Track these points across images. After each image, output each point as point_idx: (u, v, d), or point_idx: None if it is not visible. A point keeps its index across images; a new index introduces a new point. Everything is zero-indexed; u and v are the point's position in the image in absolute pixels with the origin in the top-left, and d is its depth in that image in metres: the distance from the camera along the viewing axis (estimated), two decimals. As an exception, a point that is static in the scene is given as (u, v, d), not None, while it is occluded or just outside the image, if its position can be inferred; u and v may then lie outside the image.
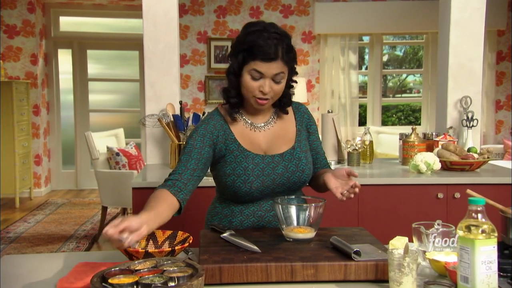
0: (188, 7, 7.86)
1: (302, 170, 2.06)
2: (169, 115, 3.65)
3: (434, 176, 3.31)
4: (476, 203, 1.45)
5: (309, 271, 1.59)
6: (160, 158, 3.82)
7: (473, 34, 3.90)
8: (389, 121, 9.15)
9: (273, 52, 1.88)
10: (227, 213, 2.10)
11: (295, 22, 7.93)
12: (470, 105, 3.87)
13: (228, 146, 2.02)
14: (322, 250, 1.71)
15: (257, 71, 1.90)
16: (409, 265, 1.51)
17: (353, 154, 3.67)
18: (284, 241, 1.81)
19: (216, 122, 2.05)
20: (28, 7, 7.70)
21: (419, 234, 1.77)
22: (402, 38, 8.73)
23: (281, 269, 1.59)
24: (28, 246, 5.32)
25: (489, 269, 1.41)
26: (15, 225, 6.16)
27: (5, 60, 7.67)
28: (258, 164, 2.02)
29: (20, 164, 7.20)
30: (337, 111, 7.94)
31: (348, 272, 1.60)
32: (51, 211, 6.85)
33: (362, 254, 1.63)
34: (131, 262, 1.52)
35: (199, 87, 7.96)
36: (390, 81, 9.55)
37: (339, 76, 7.95)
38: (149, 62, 3.77)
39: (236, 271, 1.57)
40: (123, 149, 5.70)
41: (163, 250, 1.66)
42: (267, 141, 2.07)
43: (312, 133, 2.18)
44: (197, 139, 2.01)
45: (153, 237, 1.85)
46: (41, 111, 7.92)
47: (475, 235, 1.41)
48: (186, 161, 1.98)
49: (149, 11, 3.74)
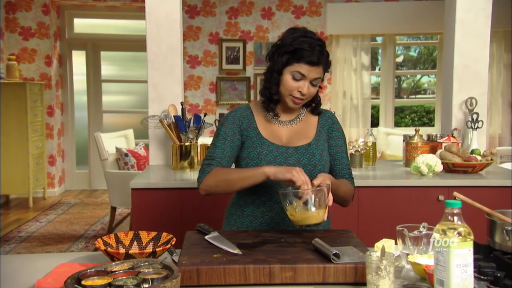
0: (200, 8, 7.89)
1: (314, 164, 2.12)
2: (170, 116, 3.66)
3: (435, 178, 3.28)
4: (452, 205, 1.43)
5: (288, 274, 1.58)
6: (163, 159, 3.84)
7: (478, 34, 3.85)
8: (402, 123, 9.07)
9: (317, 58, 2.03)
10: (242, 203, 2.20)
11: (307, 23, 7.90)
12: (476, 106, 3.82)
13: (249, 133, 2.16)
14: (304, 253, 1.70)
15: (300, 73, 2.04)
16: (386, 268, 1.50)
17: (355, 156, 3.65)
18: (267, 243, 1.80)
19: (243, 111, 2.21)
20: (43, 9, 7.78)
21: (403, 237, 1.75)
22: (417, 39, 8.67)
23: (259, 271, 1.58)
24: (38, 246, 5.37)
25: (464, 272, 1.39)
26: (27, 224, 6.22)
27: (20, 61, 7.75)
28: (272, 151, 2.12)
29: (33, 165, 7.27)
30: (349, 112, 7.91)
31: (327, 274, 1.59)
32: (63, 211, 6.91)
33: (342, 257, 1.62)
34: (108, 264, 1.53)
35: (211, 88, 7.97)
36: (404, 82, 9.48)
37: (351, 77, 7.92)
38: (152, 63, 3.78)
39: (214, 273, 1.57)
40: (132, 149, 5.73)
41: (144, 252, 1.66)
42: (288, 135, 2.19)
43: (332, 137, 2.22)
44: (228, 126, 2.17)
45: (137, 238, 1.85)
46: (55, 112, 7.99)
47: (451, 238, 1.39)
48: (222, 148, 2.13)
49: (152, 13, 3.76)
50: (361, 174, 3.48)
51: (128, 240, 1.84)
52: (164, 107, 3.78)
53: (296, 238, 1.87)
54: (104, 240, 1.78)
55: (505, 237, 1.66)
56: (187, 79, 7.93)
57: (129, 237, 1.84)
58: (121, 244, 1.82)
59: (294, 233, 1.94)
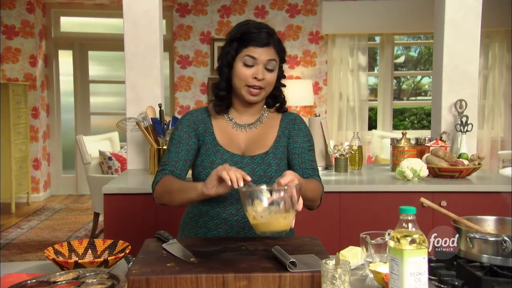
0: (191, 6, 7.90)
1: (270, 176, 2.06)
2: (148, 118, 3.66)
3: (421, 183, 3.28)
4: (407, 212, 1.43)
5: (242, 283, 1.58)
6: (141, 163, 3.83)
7: (468, 34, 3.85)
8: (401, 125, 9.07)
9: (265, 38, 2.02)
10: (196, 212, 2.15)
11: (301, 22, 7.92)
12: (466, 108, 3.82)
13: (205, 138, 2.11)
14: (262, 261, 1.69)
15: (251, 56, 2.01)
16: (341, 276, 1.50)
17: (340, 160, 3.65)
18: (227, 251, 1.80)
19: (199, 115, 2.16)
20: (28, 7, 7.79)
21: (366, 244, 1.75)
22: (417, 38, 8.66)
23: (212, 280, 1.58)
24: (17, 253, 5.37)
25: (418, 281, 1.38)
26: (8, 231, 6.22)
27: (4, 61, 7.77)
28: (225, 160, 2.05)
29: (16, 168, 7.27)
30: (346, 114, 7.90)
31: (282, 283, 1.58)
32: (46, 217, 6.91)
33: (299, 265, 1.61)
34: (52, 274, 1.53)
35: (202, 90, 7.98)
36: (405, 83, 9.47)
37: (347, 78, 7.91)
38: (129, 63, 3.80)
39: (164, 282, 1.57)
40: (116, 153, 5.74)
41: (95, 261, 1.66)
42: (247, 142, 2.12)
43: (292, 136, 2.14)
44: (183, 130, 2.12)
45: (92, 247, 1.85)
46: (40, 114, 8.00)
47: (404, 246, 1.39)
48: (176, 152, 2.08)
49: (129, 11, 3.78)
50: (345, 179, 3.48)
51: (82, 249, 1.84)
52: (142, 109, 3.78)
53: (258, 246, 1.86)
54: (56, 249, 1.77)
55: (469, 244, 1.65)
56: (178, 80, 7.94)
57: (84, 246, 1.84)
58: (74, 252, 1.82)
59: (256, 241, 1.93)
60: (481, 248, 1.64)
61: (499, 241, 1.60)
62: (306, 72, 7.95)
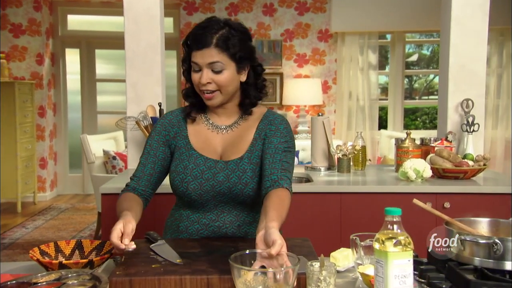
0: (199, 4, 7.91)
1: (245, 183, 1.97)
2: (148, 117, 3.67)
3: (424, 185, 3.26)
4: (392, 213, 1.42)
5: (227, 285, 1.57)
6: (142, 163, 3.83)
7: (475, 32, 3.81)
8: (412, 125, 9.01)
9: (203, 39, 1.87)
10: (177, 217, 2.11)
11: (310, 20, 7.90)
12: (472, 108, 3.78)
13: (178, 142, 2.04)
14: (249, 263, 1.69)
15: (195, 62, 1.91)
16: (326, 279, 1.50)
17: (342, 160, 3.63)
18: (214, 253, 1.80)
19: (173, 118, 2.08)
20: (35, 5, 7.83)
21: (355, 246, 1.74)
22: (429, 36, 8.61)
23: (197, 282, 1.58)
24: (20, 253, 5.40)
25: (403, 283, 1.38)
26: (13, 230, 6.27)
27: (10, 60, 7.81)
28: (198, 165, 1.99)
29: (22, 168, 7.31)
30: (355, 113, 7.87)
31: (268, 286, 1.58)
32: (52, 217, 6.95)
33: (286, 268, 1.60)
34: (34, 275, 1.53)
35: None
36: (417, 82, 9.42)
37: (357, 77, 7.88)
38: (130, 62, 3.80)
39: (148, 284, 1.56)
40: (120, 152, 5.75)
41: (79, 262, 1.66)
42: (224, 146, 2.04)
43: (268, 136, 2.00)
44: (154, 137, 2.06)
45: (80, 247, 1.85)
46: (47, 112, 8.04)
47: (388, 248, 1.38)
48: (143, 164, 2.04)
49: (130, 9, 3.77)
50: (347, 180, 3.47)
51: (70, 249, 1.84)
52: (143, 108, 3.79)
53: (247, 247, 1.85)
54: (42, 249, 1.78)
55: (460, 247, 1.64)
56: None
57: (71, 246, 1.85)
58: (61, 253, 1.82)
59: (246, 242, 1.92)
60: (473, 250, 1.62)
61: (490, 244, 1.58)
62: (315, 70, 7.93)
